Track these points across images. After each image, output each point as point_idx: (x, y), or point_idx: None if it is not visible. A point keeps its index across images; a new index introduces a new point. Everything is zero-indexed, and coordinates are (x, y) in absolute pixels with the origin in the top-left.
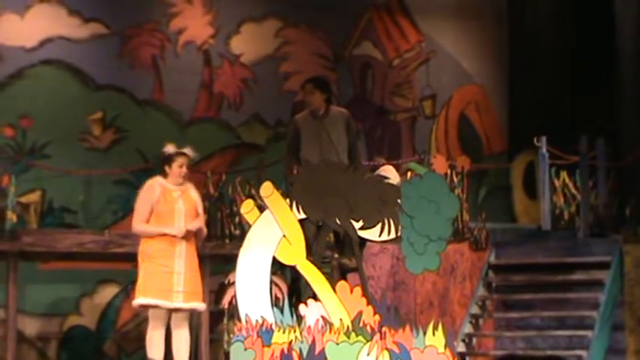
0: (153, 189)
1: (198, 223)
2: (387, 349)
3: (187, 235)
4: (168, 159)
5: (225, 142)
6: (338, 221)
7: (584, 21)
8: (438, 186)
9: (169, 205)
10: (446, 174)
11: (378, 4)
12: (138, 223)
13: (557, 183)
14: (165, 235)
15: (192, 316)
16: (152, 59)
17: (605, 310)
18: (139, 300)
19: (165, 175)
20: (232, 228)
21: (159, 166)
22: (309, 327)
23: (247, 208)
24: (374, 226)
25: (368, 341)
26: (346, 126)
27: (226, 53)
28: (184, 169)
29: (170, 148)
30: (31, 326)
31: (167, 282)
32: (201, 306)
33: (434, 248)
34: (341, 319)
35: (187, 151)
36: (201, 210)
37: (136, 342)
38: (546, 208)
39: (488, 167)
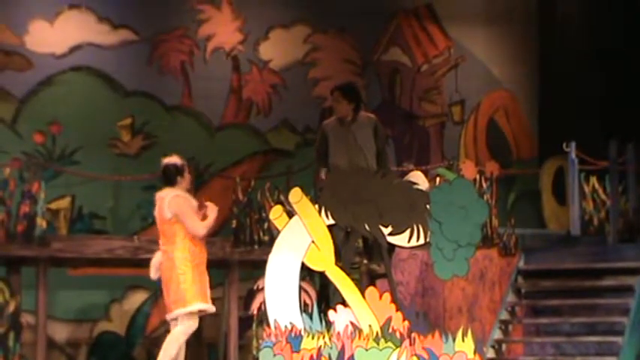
0: (190, 198)
1: None
2: (416, 355)
3: None
4: (182, 168)
5: (254, 148)
6: (367, 227)
7: (616, 26)
8: (466, 192)
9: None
10: (475, 179)
11: (406, 10)
12: (199, 223)
13: (586, 188)
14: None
15: (222, 322)
16: (181, 65)
17: (635, 316)
18: (197, 305)
19: (173, 184)
20: (261, 234)
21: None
22: (338, 333)
23: (276, 213)
24: (403, 232)
25: (397, 347)
26: (374, 131)
27: (255, 59)
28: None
29: (176, 159)
30: (60, 332)
31: (206, 286)
32: None
33: (463, 254)
34: (370, 325)
35: None
36: None
37: None
38: (576, 213)
39: (518, 173)
